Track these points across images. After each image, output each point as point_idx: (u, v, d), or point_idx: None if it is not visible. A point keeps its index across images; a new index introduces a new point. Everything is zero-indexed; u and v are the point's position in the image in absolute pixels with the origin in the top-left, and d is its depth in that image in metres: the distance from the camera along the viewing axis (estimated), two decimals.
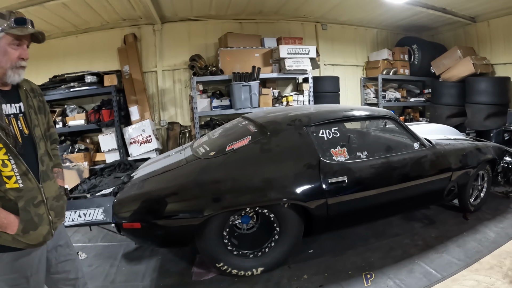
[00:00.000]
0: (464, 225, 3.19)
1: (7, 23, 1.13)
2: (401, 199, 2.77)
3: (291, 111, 2.85)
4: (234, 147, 2.32)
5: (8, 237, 1.14)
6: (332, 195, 2.29)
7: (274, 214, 2.20)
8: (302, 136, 2.41)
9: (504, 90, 4.56)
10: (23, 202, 1.16)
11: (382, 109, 3.05)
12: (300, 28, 5.14)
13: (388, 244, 2.82)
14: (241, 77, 4.20)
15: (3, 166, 1.11)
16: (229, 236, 2.17)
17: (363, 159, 2.59)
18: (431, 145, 2.95)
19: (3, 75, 1.15)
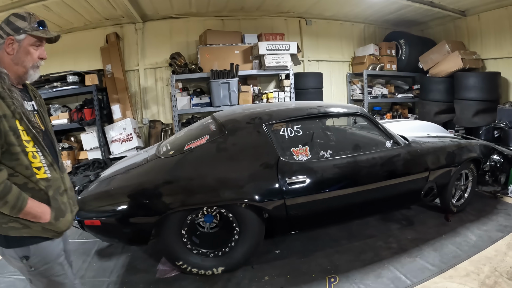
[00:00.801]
0: (445, 227, 2.94)
1: (29, 25, 1.16)
2: (372, 200, 2.54)
3: (260, 108, 2.65)
4: (192, 146, 2.21)
5: (38, 227, 1.14)
6: (291, 195, 2.11)
7: (233, 214, 2.08)
8: (260, 134, 2.24)
9: (494, 85, 4.23)
10: (52, 191, 1.17)
11: (352, 105, 2.81)
12: (284, 24, 4.90)
13: (359, 246, 2.61)
14: (219, 74, 4.01)
15: (33, 157, 1.13)
16: (188, 234, 2.07)
17: (327, 158, 2.37)
18: (406, 143, 2.71)
19: (24, 74, 1.18)
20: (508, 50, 4.35)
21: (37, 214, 1.12)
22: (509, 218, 3.09)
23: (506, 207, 3.33)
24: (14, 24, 1.14)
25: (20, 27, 1.14)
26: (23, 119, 1.10)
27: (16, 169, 1.09)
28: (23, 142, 1.10)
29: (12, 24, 1.14)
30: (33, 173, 1.12)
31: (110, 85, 4.52)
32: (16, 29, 1.14)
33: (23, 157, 1.09)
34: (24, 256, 1.14)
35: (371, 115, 2.69)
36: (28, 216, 1.10)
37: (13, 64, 1.15)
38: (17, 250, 1.14)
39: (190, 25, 4.61)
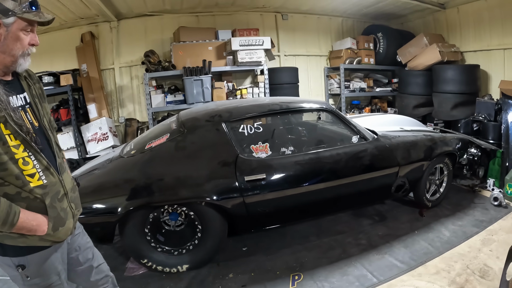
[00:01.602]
0: (418, 222, 2.73)
1: (19, 5, 0.93)
2: (337, 197, 2.34)
3: (224, 105, 2.43)
4: (152, 145, 2.11)
5: (35, 237, 1.01)
6: (249, 193, 1.99)
7: (194, 212, 1.99)
8: (219, 132, 2.10)
9: (473, 78, 3.98)
10: (49, 198, 1.01)
11: (318, 100, 2.57)
12: (259, 19, 4.65)
13: (328, 242, 2.44)
14: (192, 71, 3.78)
15: (24, 164, 0.95)
16: (152, 232, 2.00)
17: (288, 155, 2.18)
18: (375, 137, 2.48)
19: (13, 63, 0.97)
20: (487, 43, 4.10)
21: (32, 228, 0.97)
22: (486, 213, 2.88)
23: (483, 201, 3.12)
24: (1, 5, 0.91)
25: (9, 8, 0.92)
26: (8, 121, 0.91)
27: (6, 179, 0.92)
28: (10, 148, 0.92)
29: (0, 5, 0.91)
30: (25, 182, 0.95)
31: (86, 84, 4.30)
32: (4, 11, 0.91)
33: (11, 166, 0.92)
34: (20, 265, 1.02)
35: (337, 110, 2.46)
36: (23, 230, 0.96)
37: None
38: (13, 258, 1.02)
39: (164, 22, 4.36)
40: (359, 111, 4.88)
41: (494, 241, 2.43)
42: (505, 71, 3.95)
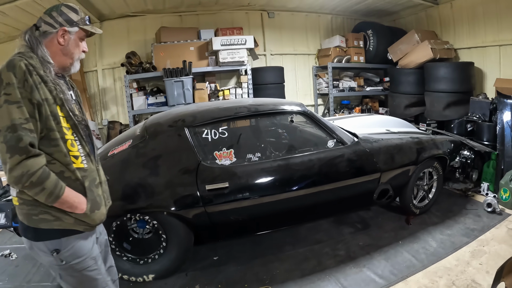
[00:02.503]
0: (403, 231, 2.48)
1: (81, 19, 1.11)
2: (310, 206, 2.12)
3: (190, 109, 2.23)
4: (115, 152, 1.99)
5: (70, 220, 1.04)
6: (211, 203, 1.82)
7: (157, 221, 1.87)
8: (181, 138, 1.92)
9: (467, 76, 3.67)
10: (88, 182, 1.09)
11: (292, 101, 2.32)
12: (245, 18, 4.40)
13: (303, 253, 2.23)
14: (172, 72, 3.57)
15: (71, 145, 1.05)
16: (117, 241, 1.90)
17: (254, 162, 1.96)
18: (354, 141, 2.24)
19: (70, 65, 1.11)
20: (482, 39, 3.79)
21: (74, 204, 1.03)
22: (478, 221, 2.61)
23: (476, 207, 2.84)
24: (67, 16, 1.08)
25: (73, 20, 1.08)
26: (64, 105, 1.03)
27: (53, 156, 1.00)
28: (62, 128, 1.02)
29: (65, 15, 1.07)
30: (70, 161, 1.03)
31: None
32: (69, 21, 1.08)
33: (61, 144, 1.00)
34: (55, 250, 1.04)
35: (312, 112, 2.22)
36: (64, 205, 1.01)
37: (61, 55, 1.08)
38: (47, 243, 1.03)
39: (147, 22, 4.16)
40: (349, 111, 4.61)
41: (484, 253, 2.17)
42: (500, 68, 3.64)
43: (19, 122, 0.92)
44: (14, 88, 0.93)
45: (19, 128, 0.92)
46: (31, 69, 0.95)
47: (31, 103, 0.95)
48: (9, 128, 0.92)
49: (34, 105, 0.95)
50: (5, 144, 0.92)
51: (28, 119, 0.94)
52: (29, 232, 1.04)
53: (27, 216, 1.01)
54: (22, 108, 0.93)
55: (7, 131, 0.92)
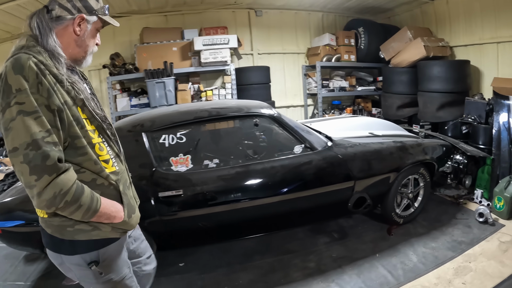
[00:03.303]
0: (383, 242, 2.26)
1: (101, 7, 0.95)
2: (274, 215, 1.93)
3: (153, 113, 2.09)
4: None
5: (107, 228, 0.93)
6: (165, 211, 1.70)
7: None
8: (138, 143, 1.80)
9: (462, 75, 3.37)
10: (122, 185, 0.97)
11: (258, 103, 2.12)
12: (231, 17, 4.20)
13: (271, 263, 2.06)
14: (154, 73, 3.43)
15: (100, 149, 0.92)
16: None
17: (211, 169, 1.79)
18: (326, 146, 2.03)
19: (82, 58, 0.96)
20: (479, 36, 3.47)
21: (112, 214, 0.91)
22: (467, 232, 2.36)
23: (467, 217, 2.58)
24: (87, 2, 0.91)
25: (93, 8, 0.92)
26: (85, 105, 0.89)
27: (83, 165, 0.87)
28: (88, 132, 0.88)
29: (84, 1, 0.90)
30: (102, 167, 0.90)
31: None
32: (89, 9, 0.91)
33: (90, 150, 0.87)
34: (92, 262, 0.92)
35: (279, 115, 2.02)
36: (102, 218, 0.89)
37: (75, 46, 0.91)
38: (84, 255, 0.91)
39: (132, 23, 4.02)
40: (340, 112, 4.36)
41: (470, 270, 1.93)
42: (498, 67, 3.33)
43: (41, 136, 0.76)
44: (27, 95, 0.76)
45: (42, 143, 0.76)
46: (42, 68, 0.79)
47: (50, 110, 0.79)
48: (30, 145, 0.75)
49: (54, 112, 0.79)
50: (28, 165, 0.75)
51: (49, 131, 0.78)
52: (62, 246, 0.90)
53: (59, 228, 0.88)
54: (41, 119, 0.77)
55: (27, 149, 0.75)
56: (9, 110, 0.75)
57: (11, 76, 0.76)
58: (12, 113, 0.75)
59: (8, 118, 0.76)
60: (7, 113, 0.76)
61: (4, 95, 0.76)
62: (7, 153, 0.82)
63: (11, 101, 0.75)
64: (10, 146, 0.77)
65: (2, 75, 0.77)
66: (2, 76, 0.77)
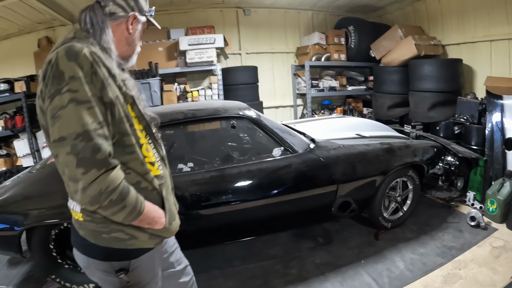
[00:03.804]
0: (370, 248, 2.15)
1: (149, 9, 0.94)
2: (252, 221, 1.82)
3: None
4: (52, 160, 1.85)
5: (145, 236, 0.86)
6: None
7: None
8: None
9: (454, 74, 3.25)
10: (165, 190, 0.90)
11: (235, 104, 2.00)
12: (219, 16, 4.08)
13: (252, 269, 1.95)
14: (139, 74, 3.31)
15: (147, 151, 0.86)
16: (59, 249, 1.79)
17: (185, 173, 1.69)
18: (308, 149, 1.92)
19: (129, 57, 0.94)
20: (471, 34, 3.35)
21: (154, 219, 0.85)
22: (458, 237, 2.24)
23: (458, 220, 2.47)
24: (139, 2, 0.90)
25: (144, 8, 0.91)
26: (135, 103, 0.84)
27: (129, 165, 0.81)
28: (136, 132, 0.83)
29: (136, 1, 0.89)
30: (147, 169, 0.84)
31: None
32: (140, 9, 0.90)
33: (138, 150, 0.82)
34: (122, 270, 0.86)
35: (257, 117, 1.89)
36: (144, 222, 0.83)
37: (125, 44, 0.90)
38: (114, 263, 0.85)
39: None
40: (330, 112, 4.23)
41: (460, 278, 1.82)
42: (491, 65, 3.20)
43: (93, 128, 0.71)
44: (81, 83, 0.71)
45: (94, 135, 0.71)
46: (97, 59, 0.75)
47: (102, 103, 0.74)
48: (80, 136, 0.70)
49: (106, 105, 0.75)
50: (75, 157, 0.70)
51: (102, 123, 0.73)
52: (92, 251, 0.85)
53: (94, 233, 0.83)
54: (94, 110, 0.72)
55: (77, 140, 0.70)
56: (59, 97, 0.70)
57: (64, 62, 0.72)
58: (62, 100, 0.70)
59: (57, 105, 0.70)
60: (57, 100, 0.71)
61: (54, 81, 0.71)
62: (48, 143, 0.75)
63: (62, 88, 0.70)
64: (57, 135, 0.71)
65: (53, 60, 0.73)
66: (53, 61, 0.73)
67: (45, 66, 0.74)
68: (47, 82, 0.72)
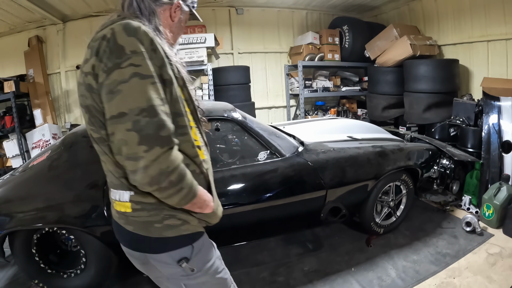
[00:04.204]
0: (361, 255, 2.05)
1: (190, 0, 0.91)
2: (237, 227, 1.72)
3: None
4: (35, 163, 1.82)
5: (195, 220, 0.82)
6: None
7: (74, 237, 1.71)
8: (93, 150, 1.57)
9: (450, 75, 3.15)
10: (210, 175, 0.87)
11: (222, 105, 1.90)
12: (211, 15, 3.97)
13: (238, 276, 1.85)
14: None
15: (196, 134, 0.82)
16: (41, 253, 1.74)
17: None
18: (296, 152, 1.82)
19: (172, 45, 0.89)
20: (468, 34, 3.25)
21: (205, 202, 0.81)
22: (453, 243, 2.14)
23: (453, 225, 2.37)
24: None
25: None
26: (185, 86, 0.81)
27: (180, 147, 0.75)
28: (188, 114, 0.80)
29: None
30: (197, 153, 0.81)
31: (32, 90, 3.84)
32: None
33: (189, 132, 0.78)
34: (183, 258, 0.81)
35: (243, 119, 1.79)
36: (196, 205, 0.78)
37: (169, 31, 0.87)
38: (173, 253, 0.80)
39: None
40: (324, 113, 4.13)
41: (454, 287, 1.71)
42: (489, 66, 3.10)
43: (158, 103, 0.67)
44: (143, 58, 0.68)
45: (159, 111, 0.67)
46: (153, 37, 0.72)
47: (161, 81, 0.71)
48: (144, 111, 0.66)
49: (165, 82, 0.72)
50: (138, 133, 0.65)
51: (164, 100, 0.70)
52: (147, 245, 0.79)
53: (146, 225, 0.77)
54: (157, 85, 0.68)
55: (140, 115, 0.65)
56: (119, 71, 0.66)
57: (123, 37, 0.68)
58: (123, 74, 0.66)
59: (117, 80, 0.66)
60: (116, 74, 0.66)
61: (111, 56, 0.67)
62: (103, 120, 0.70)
63: (122, 62, 0.66)
64: (115, 111, 0.66)
65: (108, 35, 0.69)
66: (108, 36, 0.69)
67: (98, 41, 0.70)
68: (101, 56, 0.68)
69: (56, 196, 1.60)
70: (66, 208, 1.58)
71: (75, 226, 1.57)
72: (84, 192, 1.60)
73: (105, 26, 0.74)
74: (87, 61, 0.72)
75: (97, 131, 0.75)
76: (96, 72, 0.69)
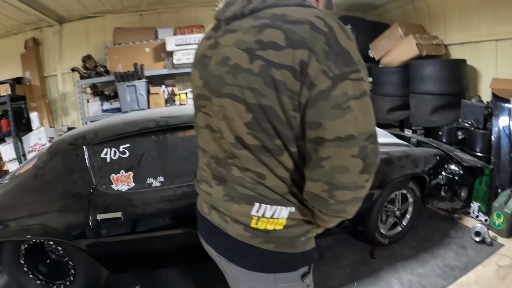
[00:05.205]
0: (364, 267, 1.98)
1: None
2: None
3: (105, 122, 1.82)
4: (21, 171, 1.76)
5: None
6: (104, 234, 1.52)
7: (62, 248, 1.65)
8: (79, 158, 1.59)
9: (458, 76, 3.06)
10: None
11: None
12: (210, 15, 3.88)
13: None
14: (124, 76, 3.17)
15: None
16: (31, 263, 1.71)
17: (155, 188, 1.53)
18: None
19: None
20: (475, 33, 3.15)
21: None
22: (461, 254, 2.06)
23: (462, 235, 2.28)
24: None
25: None
26: None
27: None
28: None
29: None
30: None
31: (29, 93, 3.81)
32: None
33: None
34: (306, 273, 0.72)
35: None
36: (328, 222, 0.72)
37: None
38: (303, 269, 0.71)
39: (107, 23, 3.76)
40: None
41: None
42: (497, 66, 3.00)
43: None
44: (365, 71, 0.59)
45: (376, 135, 0.60)
46: None
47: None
48: (372, 137, 0.58)
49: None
50: (363, 161, 0.57)
51: None
52: (286, 263, 0.69)
53: (292, 240, 0.68)
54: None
55: (367, 141, 0.57)
56: (350, 83, 0.55)
57: (345, 40, 0.56)
58: (355, 89, 0.55)
59: (347, 94, 0.55)
60: (345, 87, 0.54)
61: (337, 60, 0.54)
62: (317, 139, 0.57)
63: (352, 72, 0.55)
64: (344, 132, 0.55)
65: (328, 32, 0.55)
66: (325, 31, 0.55)
67: (314, 32, 0.54)
68: (319, 54, 0.53)
69: (41, 206, 1.55)
70: (50, 219, 1.53)
71: (59, 238, 1.52)
72: (69, 203, 1.54)
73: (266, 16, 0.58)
74: (280, 48, 0.55)
75: (262, 138, 0.60)
76: (308, 71, 0.54)
